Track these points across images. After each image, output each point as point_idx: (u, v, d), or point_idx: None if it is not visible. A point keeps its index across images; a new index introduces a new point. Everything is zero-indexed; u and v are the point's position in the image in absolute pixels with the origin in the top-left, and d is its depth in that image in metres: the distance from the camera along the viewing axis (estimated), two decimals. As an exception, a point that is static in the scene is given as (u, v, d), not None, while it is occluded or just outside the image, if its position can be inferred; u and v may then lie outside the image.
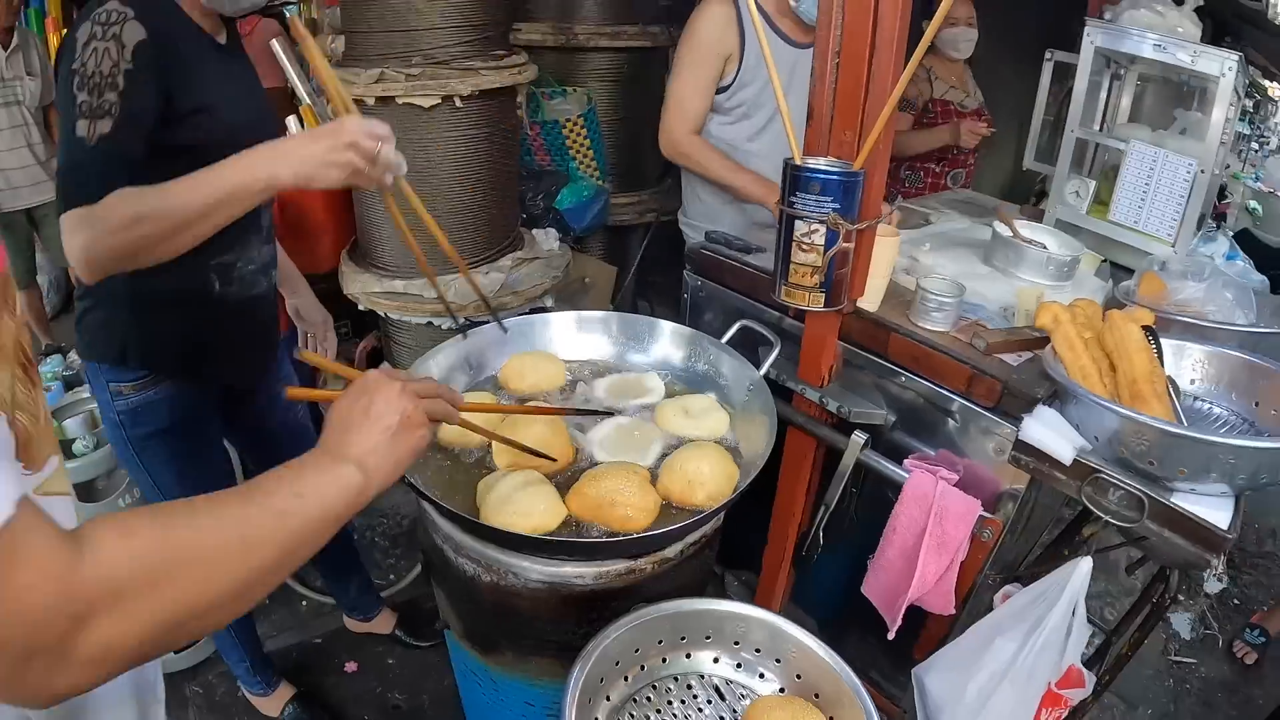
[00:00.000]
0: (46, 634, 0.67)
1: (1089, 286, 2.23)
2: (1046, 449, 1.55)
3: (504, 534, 1.44)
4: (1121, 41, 2.49)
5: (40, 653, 0.67)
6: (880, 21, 1.56)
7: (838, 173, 1.58)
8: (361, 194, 3.19)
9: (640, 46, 4.02)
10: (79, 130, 1.50)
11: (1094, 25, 2.54)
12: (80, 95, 1.50)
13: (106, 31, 1.51)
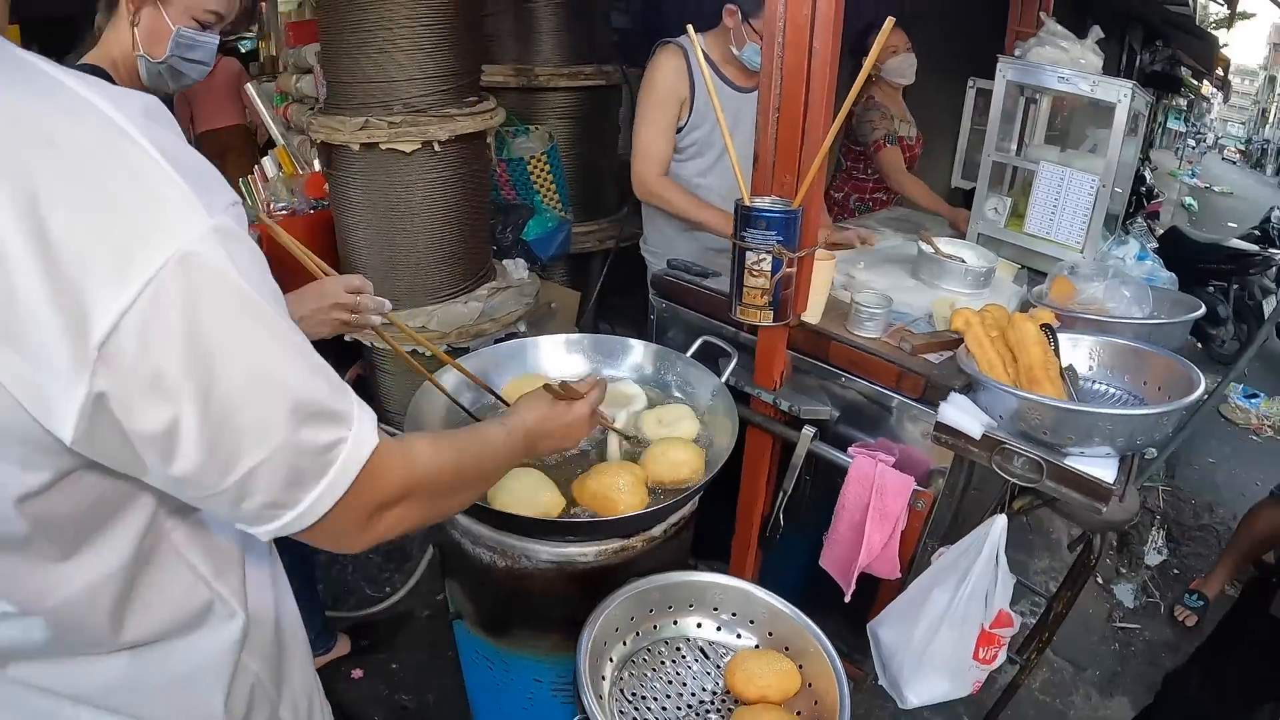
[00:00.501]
0: (389, 500, 0.95)
1: (1006, 292, 2.52)
2: (960, 428, 1.86)
3: (521, 519, 1.68)
4: (1030, 75, 2.80)
5: (377, 510, 0.94)
6: (812, 83, 1.86)
7: (780, 211, 1.88)
8: (343, 225, 3.37)
9: (596, 85, 4.27)
10: None
11: (1005, 61, 2.84)
12: None
13: None
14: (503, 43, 4.23)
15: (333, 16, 3.02)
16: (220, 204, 0.76)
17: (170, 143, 0.74)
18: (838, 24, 1.83)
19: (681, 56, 2.88)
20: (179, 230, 0.70)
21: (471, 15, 3.21)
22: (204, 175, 0.76)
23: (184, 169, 0.73)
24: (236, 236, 0.76)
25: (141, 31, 1.87)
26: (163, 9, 1.85)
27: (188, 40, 1.88)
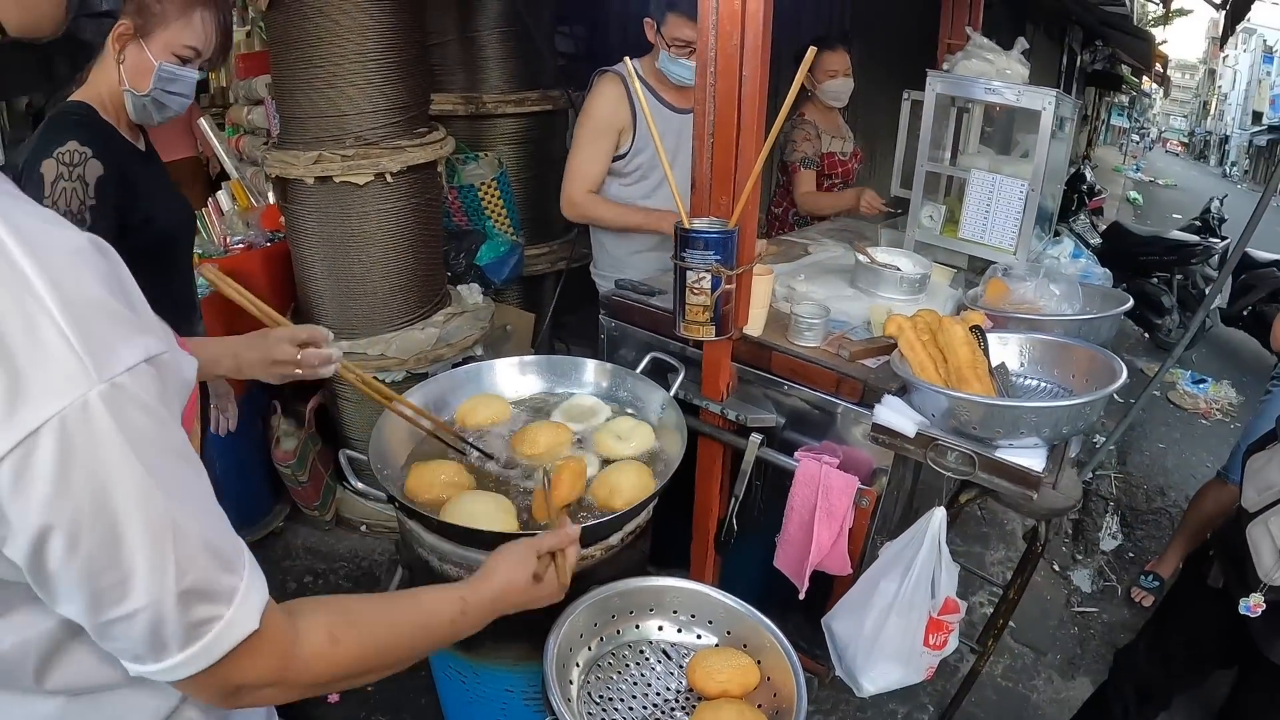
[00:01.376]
0: (254, 685, 0.92)
1: (942, 296, 2.63)
2: (895, 427, 1.97)
3: (485, 534, 1.71)
4: (958, 88, 2.92)
5: (238, 690, 0.92)
6: (743, 108, 1.97)
7: (717, 232, 1.98)
8: (300, 257, 3.43)
9: (542, 110, 4.37)
10: None
11: (934, 75, 2.94)
12: None
13: (71, 172, 1.82)
14: (450, 71, 4.31)
15: (284, 52, 3.09)
16: (125, 361, 0.75)
17: (91, 291, 0.75)
18: (765, 53, 1.94)
19: (620, 84, 2.95)
20: (61, 393, 0.71)
21: (418, 47, 3.29)
22: (118, 328, 0.76)
23: (94, 322, 0.74)
24: (131, 399, 0.75)
25: (127, 68, 1.98)
26: (145, 46, 1.96)
27: (169, 74, 1.99)
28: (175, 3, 1.96)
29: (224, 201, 4.27)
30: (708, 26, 1.94)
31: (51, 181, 1.81)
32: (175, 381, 0.84)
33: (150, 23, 1.95)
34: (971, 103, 3.13)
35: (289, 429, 3.68)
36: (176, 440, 0.82)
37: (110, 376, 0.73)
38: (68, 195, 1.83)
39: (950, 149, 3.26)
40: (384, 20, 3.06)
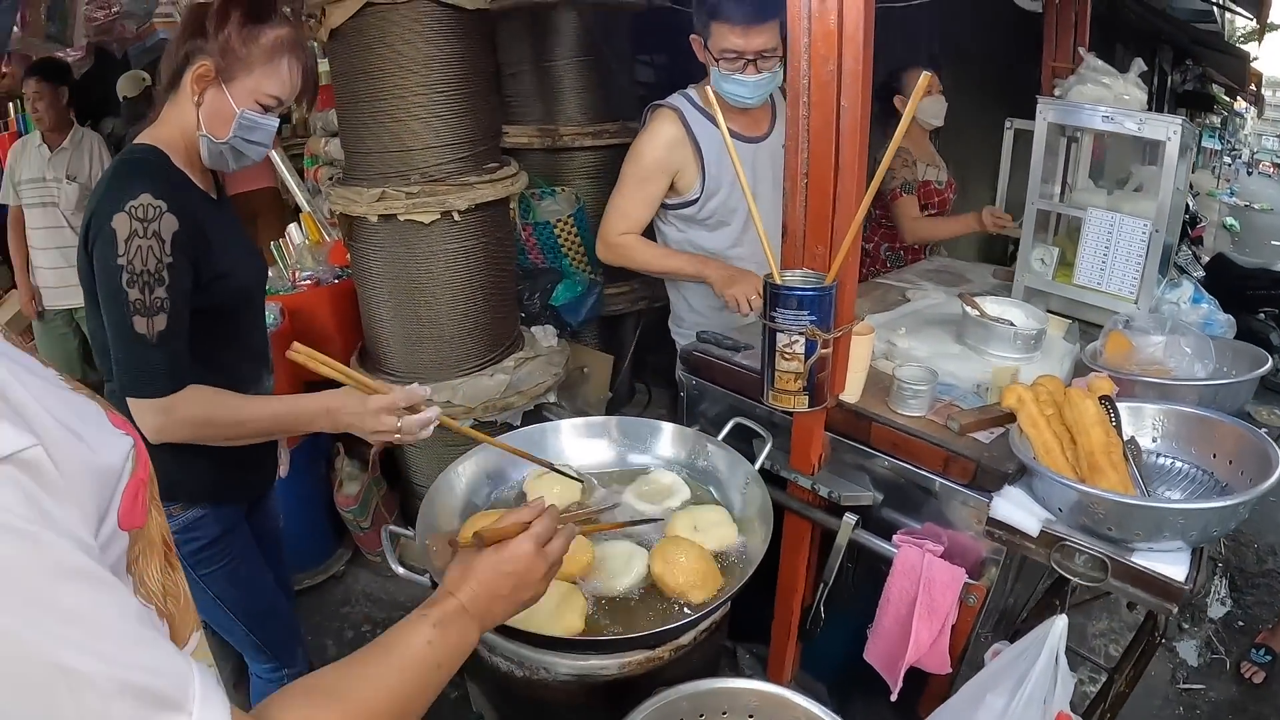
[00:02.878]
0: None
1: (1058, 352, 2.37)
2: (1015, 524, 1.72)
3: (537, 636, 1.57)
4: (1073, 116, 2.65)
5: None
6: (842, 146, 1.73)
7: (813, 289, 1.73)
8: (365, 297, 3.34)
9: (622, 143, 4.15)
10: (138, 327, 1.69)
11: (1045, 102, 2.68)
12: (131, 292, 1.68)
13: (146, 229, 1.69)
14: (525, 103, 4.19)
15: (346, 84, 3.01)
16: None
17: None
18: (867, 80, 1.70)
19: (677, 121, 2.69)
20: None
21: (488, 79, 3.19)
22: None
23: None
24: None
25: (205, 112, 1.87)
26: (226, 91, 1.85)
27: (250, 122, 1.88)
28: (261, 48, 1.85)
29: (295, 235, 4.19)
30: (799, 50, 1.71)
31: (125, 239, 1.68)
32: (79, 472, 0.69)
33: (234, 67, 1.84)
34: (1081, 131, 2.86)
35: (352, 472, 3.61)
36: (61, 557, 0.64)
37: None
38: (144, 254, 1.70)
39: (1059, 184, 2.99)
40: (450, 51, 2.94)
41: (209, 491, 2.01)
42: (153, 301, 1.70)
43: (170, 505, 1.97)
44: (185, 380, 1.77)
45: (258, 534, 2.25)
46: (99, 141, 4.77)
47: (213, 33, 1.82)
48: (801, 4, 1.68)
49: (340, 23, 2.88)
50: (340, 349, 3.66)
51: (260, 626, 2.20)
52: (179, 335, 1.75)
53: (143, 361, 1.72)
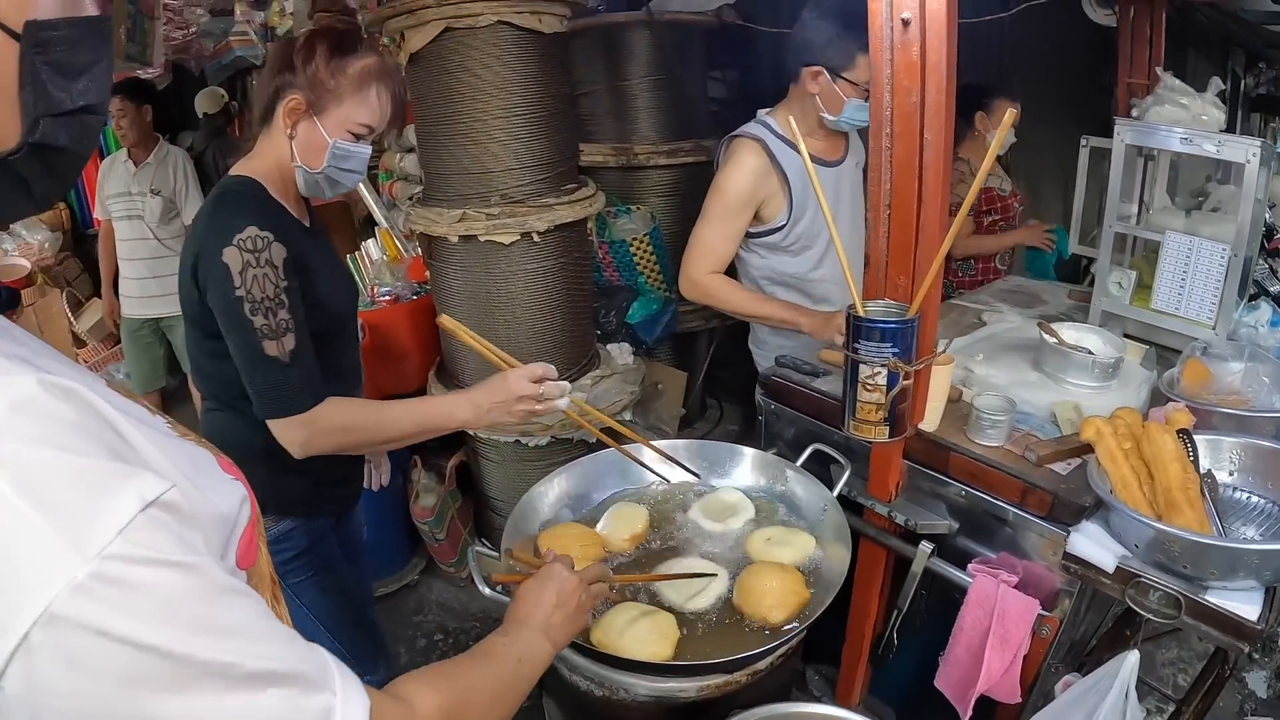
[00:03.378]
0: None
1: (1136, 380, 2.34)
2: (1091, 560, 1.72)
3: (620, 658, 1.61)
4: (1150, 137, 2.62)
5: None
6: (925, 177, 1.75)
7: (895, 322, 1.75)
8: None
9: (696, 161, 4.21)
10: (269, 350, 1.78)
11: (1123, 124, 2.65)
12: (256, 319, 1.76)
13: (258, 258, 1.76)
14: (600, 122, 4.24)
15: (425, 107, 3.07)
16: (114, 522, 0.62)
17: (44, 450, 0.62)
18: (950, 112, 1.71)
19: (761, 152, 2.66)
20: (43, 585, 0.59)
21: (565, 101, 3.22)
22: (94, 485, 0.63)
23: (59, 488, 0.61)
24: (137, 561, 0.63)
25: (298, 144, 1.94)
26: (318, 123, 1.92)
27: (343, 151, 1.95)
28: (350, 79, 1.91)
29: (372, 250, 4.27)
30: (882, 81, 1.73)
31: (239, 271, 1.76)
32: (203, 514, 0.73)
33: (324, 99, 1.91)
34: (1159, 152, 2.82)
35: (429, 484, 3.67)
36: (212, 579, 0.69)
37: (100, 549, 0.60)
38: (260, 282, 1.77)
39: (1136, 204, 2.94)
40: (528, 74, 2.99)
41: (300, 505, 2.08)
42: (278, 324, 1.78)
43: (263, 517, 2.03)
44: (322, 393, 1.86)
45: (343, 545, 2.32)
46: (182, 156, 4.91)
47: (301, 67, 1.89)
48: (884, 35, 1.70)
49: (419, 47, 2.94)
50: (418, 364, 3.73)
51: (345, 635, 2.26)
52: (308, 351, 1.84)
53: (281, 382, 1.81)
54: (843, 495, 2.05)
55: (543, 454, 3.33)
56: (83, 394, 0.68)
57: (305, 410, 1.82)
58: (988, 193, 4.03)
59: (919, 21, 1.65)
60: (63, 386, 0.66)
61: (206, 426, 2.10)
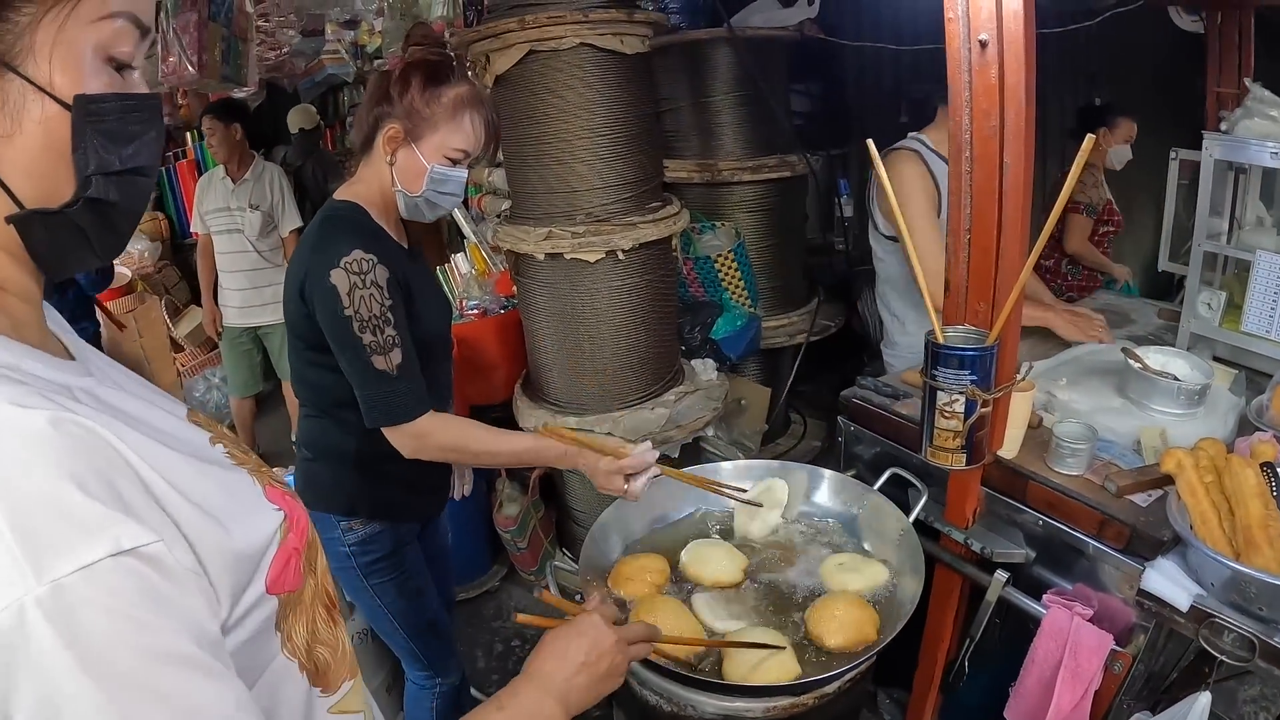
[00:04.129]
0: None
1: (1223, 406, 2.27)
2: (1164, 597, 1.70)
3: (690, 677, 1.65)
4: (1240, 152, 2.56)
5: None
6: (1005, 203, 1.74)
7: (974, 349, 1.74)
8: (530, 329, 3.46)
9: (779, 177, 4.24)
10: (378, 365, 1.88)
11: (1211, 139, 2.59)
12: (365, 336, 1.86)
13: (364, 279, 1.86)
14: (684, 138, 4.28)
15: (512, 127, 3.11)
16: (77, 560, 0.65)
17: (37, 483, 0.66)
18: (1029, 137, 1.70)
19: (919, 161, 2.77)
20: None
21: (649, 121, 3.26)
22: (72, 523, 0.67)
23: (36, 518, 0.65)
24: (85, 601, 0.65)
25: (398, 169, 2.03)
26: (416, 150, 2.01)
27: (441, 176, 2.03)
28: (444, 107, 2.00)
29: (461, 264, 4.35)
30: (960, 104, 1.73)
31: (347, 292, 1.86)
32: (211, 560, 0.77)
33: (420, 127, 2.00)
34: (1250, 166, 2.75)
35: (513, 494, 3.72)
36: (166, 645, 0.70)
37: (54, 579, 0.64)
38: (367, 301, 1.87)
39: (1226, 221, 2.86)
40: (612, 95, 3.04)
41: (388, 510, 2.17)
42: (385, 340, 1.88)
43: (352, 520, 2.15)
44: (428, 404, 1.96)
45: (427, 551, 2.39)
46: (278, 172, 5.08)
47: (397, 98, 1.99)
48: (961, 57, 1.71)
49: (505, 69, 3.01)
50: (505, 376, 3.81)
51: (421, 638, 2.34)
52: (414, 364, 1.95)
53: (391, 394, 1.91)
54: (919, 520, 2.05)
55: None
56: (101, 435, 0.72)
57: (412, 420, 1.93)
58: (1109, 205, 4.01)
59: (996, 43, 1.65)
60: (82, 426, 0.71)
61: (304, 432, 2.22)
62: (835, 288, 4.98)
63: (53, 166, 0.77)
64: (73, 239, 0.81)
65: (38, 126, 0.75)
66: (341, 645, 1.01)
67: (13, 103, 0.74)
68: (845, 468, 2.41)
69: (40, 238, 0.78)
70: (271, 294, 4.94)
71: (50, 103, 0.75)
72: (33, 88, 0.74)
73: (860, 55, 5.10)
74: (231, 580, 0.79)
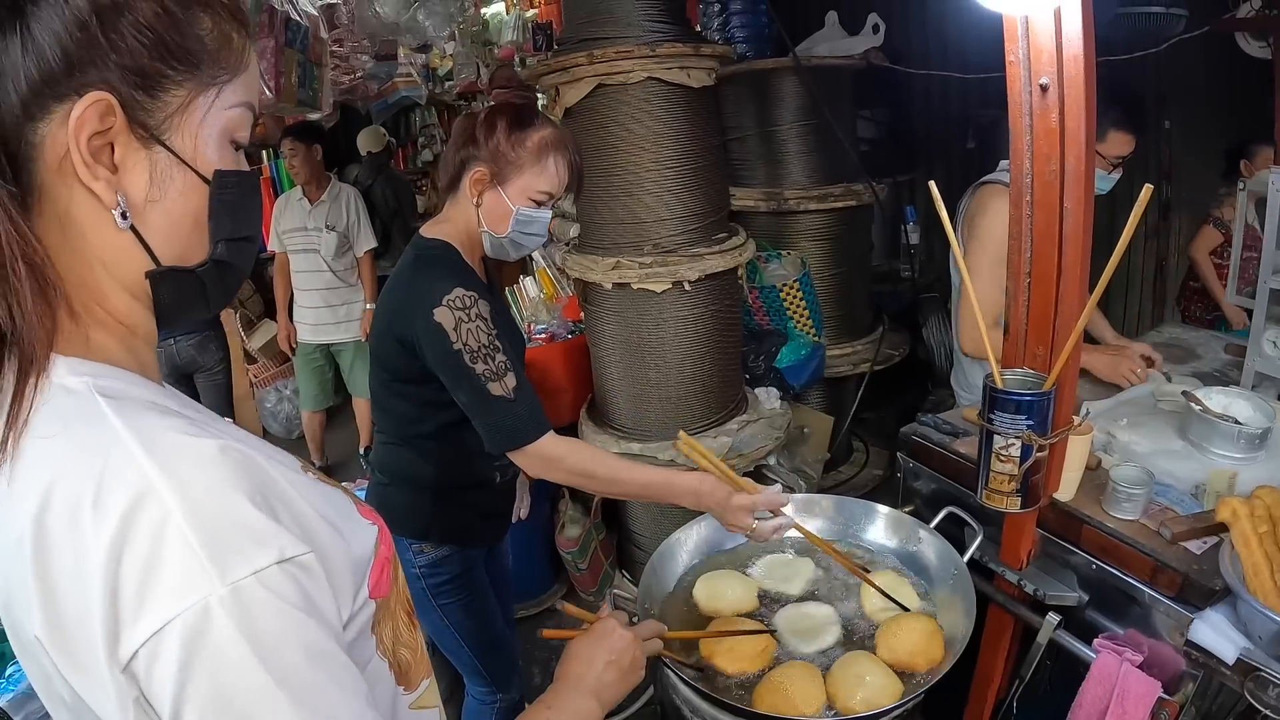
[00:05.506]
0: None
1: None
2: (1211, 649, 1.70)
3: (742, 709, 1.66)
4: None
5: None
6: (1065, 248, 1.76)
7: (1031, 394, 1.76)
8: (597, 356, 3.53)
9: (845, 206, 4.28)
10: (495, 391, 1.95)
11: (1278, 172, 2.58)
12: (478, 366, 1.94)
13: (469, 314, 1.94)
14: (750, 166, 4.33)
15: (580, 158, 3.16)
16: (252, 565, 0.75)
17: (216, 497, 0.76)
18: (1089, 182, 1.72)
19: None
20: (182, 595, 0.72)
21: (715, 154, 3.30)
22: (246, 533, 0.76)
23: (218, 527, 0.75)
24: (259, 602, 0.74)
25: (484, 211, 2.12)
26: (502, 192, 2.09)
27: (526, 217, 2.12)
28: (529, 151, 2.08)
29: (530, 288, 4.44)
30: (1021, 148, 1.76)
31: (453, 327, 1.94)
32: (338, 565, 0.86)
33: (506, 170, 2.08)
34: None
35: (575, 516, 3.78)
36: (319, 642, 0.80)
37: (234, 580, 0.73)
38: (476, 334, 1.95)
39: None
40: (679, 128, 3.10)
41: (457, 535, 2.25)
42: (498, 365, 1.96)
43: (423, 543, 2.23)
44: (547, 425, 2.01)
45: (491, 572, 2.48)
46: (354, 194, 5.25)
47: (484, 141, 2.07)
48: (1022, 100, 1.74)
49: (574, 102, 3.09)
50: (571, 401, 3.87)
51: (484, 655, 2.42)
52: (529, 386, 2.02)
53: (512, 418, 1.97)
54: (974, 559, 2.07)
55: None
56: (255, 459, 0.83)
57: (535, 440, 1.98)
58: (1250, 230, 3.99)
59: (1057, 88, 1.68)
60: (241, 451, 0.81)
61: (381, 458, 2.31)
62: (900, 315, 5.02)
63: (188, 231, 0.90)
64: (194, 293, 0.93)
65: (179, 196, 0.87)
66: (420, 647, 1.10)
67: (160, 172, 0.86)
68: (903, 503, 2.43)
69: (168, 291, 0.90)
70: (345, 312, 5.10)
71: (191, 175, 0.88)
72: (178, 161, 0.86)
73: (926, 82, 5.12)
74: (349, 586, 0.89)
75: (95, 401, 0.80)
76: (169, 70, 0.83)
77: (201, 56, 0.86)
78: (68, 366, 0.82)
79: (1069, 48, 1.64)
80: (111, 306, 0.88)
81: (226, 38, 0.89)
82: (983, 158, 4.93)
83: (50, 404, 0.80)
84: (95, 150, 0.80)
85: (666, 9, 3.09)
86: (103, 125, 0.80)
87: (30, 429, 0.79)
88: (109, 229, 0.84)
